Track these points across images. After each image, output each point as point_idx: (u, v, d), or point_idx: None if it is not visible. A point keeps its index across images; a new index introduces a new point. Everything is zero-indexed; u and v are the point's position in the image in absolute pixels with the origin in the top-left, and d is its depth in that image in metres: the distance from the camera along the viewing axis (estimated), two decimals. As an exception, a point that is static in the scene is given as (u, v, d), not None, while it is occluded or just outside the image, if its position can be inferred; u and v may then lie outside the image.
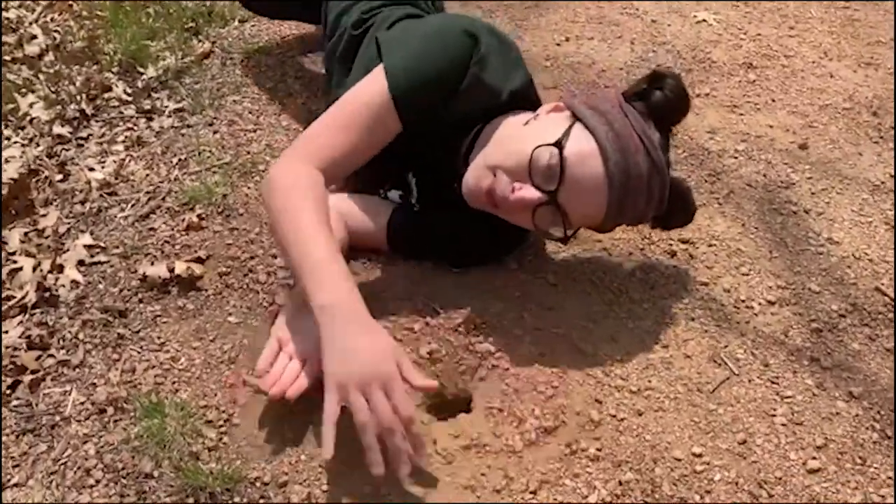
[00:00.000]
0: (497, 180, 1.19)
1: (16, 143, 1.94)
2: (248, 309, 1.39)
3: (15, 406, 1.27)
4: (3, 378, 1.30)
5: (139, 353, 1.34)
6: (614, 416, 1.18)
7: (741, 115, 1.87)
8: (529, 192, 1.16)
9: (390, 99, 1.21)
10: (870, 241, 1.46)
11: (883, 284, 1.37)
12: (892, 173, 1.64)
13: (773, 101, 1.91)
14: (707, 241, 1.50)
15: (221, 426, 1.20)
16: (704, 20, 2.32)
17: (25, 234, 1.64)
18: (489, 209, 1.25)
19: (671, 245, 1.50)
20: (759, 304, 1.36)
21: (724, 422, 1.17)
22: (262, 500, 1.09)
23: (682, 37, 2.24)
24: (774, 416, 1.17)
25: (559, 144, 1.13)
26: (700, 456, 1.12)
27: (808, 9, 2.32)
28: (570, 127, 1.16)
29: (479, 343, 1.31)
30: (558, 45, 2.26)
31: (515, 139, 1.21)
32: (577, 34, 2.31)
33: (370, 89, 1.23)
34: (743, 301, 1.37)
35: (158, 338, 1.36)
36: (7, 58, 2.33)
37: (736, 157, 1.72)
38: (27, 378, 1.30)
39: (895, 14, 2.72)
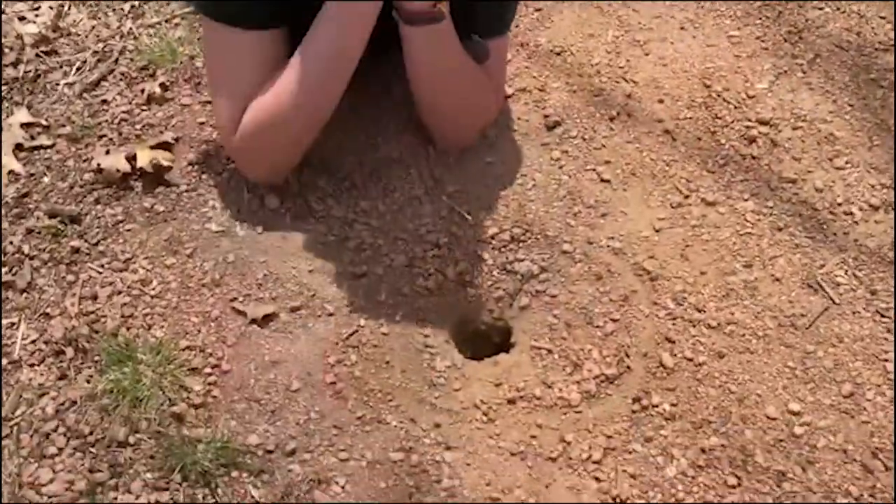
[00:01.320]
0: None
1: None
2: (232, 212, 1.13)
3: (-49, 344, 1.03)
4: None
5: (100, 273, 1.08)
6: (691, 361, 0.97)
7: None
8: None
9: (223, 25, 1.02)
10: None
11: None
12: None
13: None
14: (791, 123, 1.23)
15: (209, 374, 0.97)
16: None
17: (-54, 108, 1.32)
18: None
19: (748, 127, 1.22)
20: (861, 209, 1.12)
21: (825, 368, 0.97)
22: (265, 475, 0.89)
23: None
24: (887, 360, 0.97)
25: None
26: (798, 414, 0.92)
27: None
28: None
29: (518, 261, 1.07)
30: None
31: None
32: None
33: (205, 35, 1.09)
34: (840, 205, 1.13)
35: (123, 252, 1.11)
36: None
37: (821, 9, 1.40)
38: (-38, 307, 1.06)
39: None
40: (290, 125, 1.05)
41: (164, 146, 1.23)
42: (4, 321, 1.05)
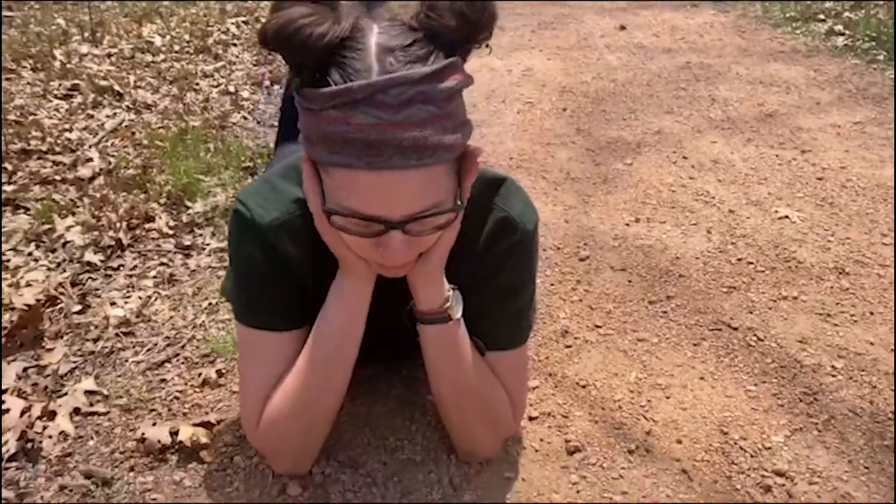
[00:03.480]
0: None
1: (42, 265, 1.82)
2: (253, 497, 1.16)
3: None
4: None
5: (116, 538, 1.10)
6: None
7: (836, 325, 1.66)
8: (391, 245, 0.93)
9: (253, 329, 1.11)
10: None
11: None
12: None
13: (872, 313, 1.70)
14: (808, 478, 1.25)
15: None
16: (787, 216, 2.17)
17: (25, 369, 1.47)
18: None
19: (764, 476, 1.25)
20: (881, 573, 1.09)
21: None
22: None
23: (763, 231, 2.08)
24: None
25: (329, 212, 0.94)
26: None
27: (899, 216, 2.16)
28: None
29: (527, 580, 1.05)
30: (627, 225, 2.12)
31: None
32: (649, 216, 2.17)
33: (239, 336, 1.15)
34: (859, 568, 1.10)
35: (143, 520, 1.13)
36: (57, 178, 2.28)
37: (834, 376, 1.50)
38: (-24, 555, 1.07)
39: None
40: (301, 416, 1.10)
41: (206, 425, 1.31)
42: (10, 573, 1.05)
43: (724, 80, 3.56)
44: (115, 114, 2.89)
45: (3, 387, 1.39)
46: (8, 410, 1.32)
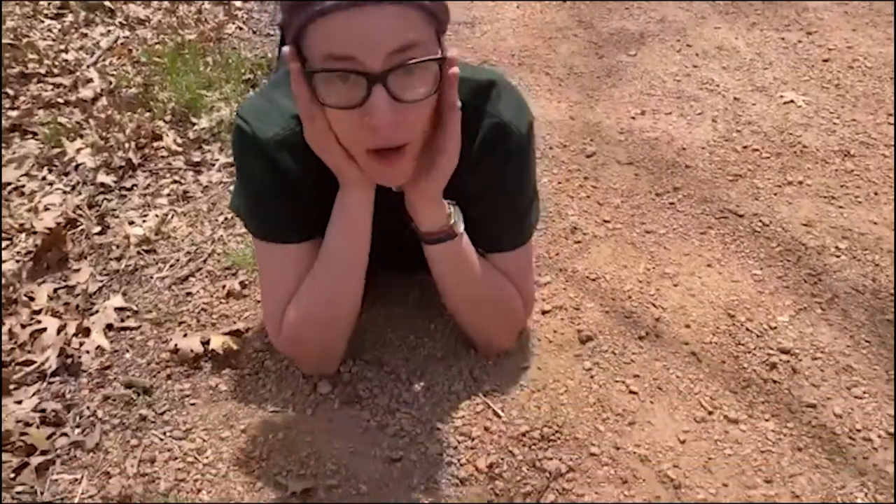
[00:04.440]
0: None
1: (58, 189, 1.85)
2: (286, 397, 1.24)
3: (18, 493, 1.11)
4: (10, 459, 1.16)
5: (161, 440, 1.18)
6: (711, 570, 0.99)
7: (840, 207, 1.69)
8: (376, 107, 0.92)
9: (268, 242, 1.15)
10: None
11: None
12: None
13: (876, 193, 1.73)
14: (811, 353, 1.31)
15: (246, 543, 1.03)
16: (792, 101, 2.16)
17: (55, 290, 1.52)
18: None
19: (770, 355, 1.31)
20: (879, 436, 1.16)
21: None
22: None
23: (769, 117, 2.08)
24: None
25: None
26: None
27: (906, 95, 2.15)
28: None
29: (547, 459, 1.13)
30: (633, 118, 2.12)
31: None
32: (654, 108, 2.16)
33: (256, 249, 1.20)
34: (859, 431, 1.17)
35: (184, 422, 1.21)
36: (60, 100, 2.27)
37: (838, 256, 1.54)
38: (35, 460, 1.16)
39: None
40: (317, 322, 1.16)
41: (236, 333, 1.37)
42: (69, 476, 1.14)
43: (728, -39, 3.45)
44: (108, 31, 2.84)
45: (37, 307, 1.45)
46: (45, 329, 1.38)
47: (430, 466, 1.12)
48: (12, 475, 1.13)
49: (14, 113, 2.18)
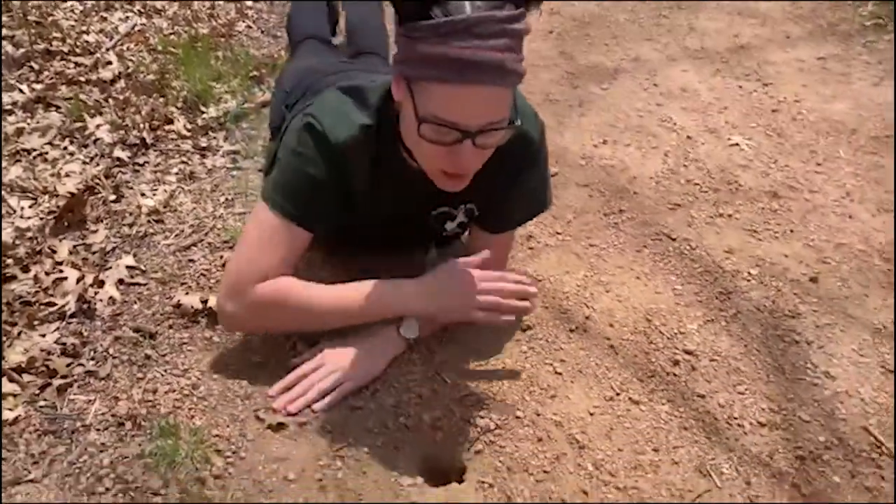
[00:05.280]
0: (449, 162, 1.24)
1: (78, 159, 2.08)
2: (269, 352, 1.47)
3: (41, 406, 1.35)
4: (35, 379, 1.39)
5: (162, 375, 1.42)
6: (597, 509, 1.24)
7: (759, 240, 1.96)
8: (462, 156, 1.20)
9: (280, 216, 1.34)
10: (864, 382, 1.52)
11: (871, 425, 1.43)
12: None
13: (792, 231, 2.00)
14: (710, 356, 1.57)
15: (229, 457, 1.27)
16: (738, 144, 2.44)
17: (74, 246, 1.75)
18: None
19: (675, 354, 1.57)
20: (750, 423, 1.42)
21: (700, 531, 1.23)
22: (256, 534, 1.16)
23: (715, 157, 2.35)
24: (751, 535, 1.23)
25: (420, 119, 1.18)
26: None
27: (837, 149, 2.43)
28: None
29: (480, 417, 1.38)
30: (595, 146, 2.38)
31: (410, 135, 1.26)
32: (615, 139, 2.43)
33: (259, 218, 1.38)
34: (735, 419, 1.43)
35: (182, 364, 1.45)
36: (82, 79, 2.50)
37: (748, 280, 1.81)
38: (56, 382, 1.39)
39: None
40: (293, 318, 1.39)
41: (230, 296, 1.61)
42: (84, 397, 1.37)
43: (706, 9, 3.74)
44: (127, 17, 3.07)
45: (59, 259, 1.68)
46: (66, 278, 1.62)
47: (385, 415, 1.37)
48: (37, 391, 1.37)
49: (39, 86, 2.40)
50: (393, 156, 1.36)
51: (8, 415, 1.31)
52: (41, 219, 1.82)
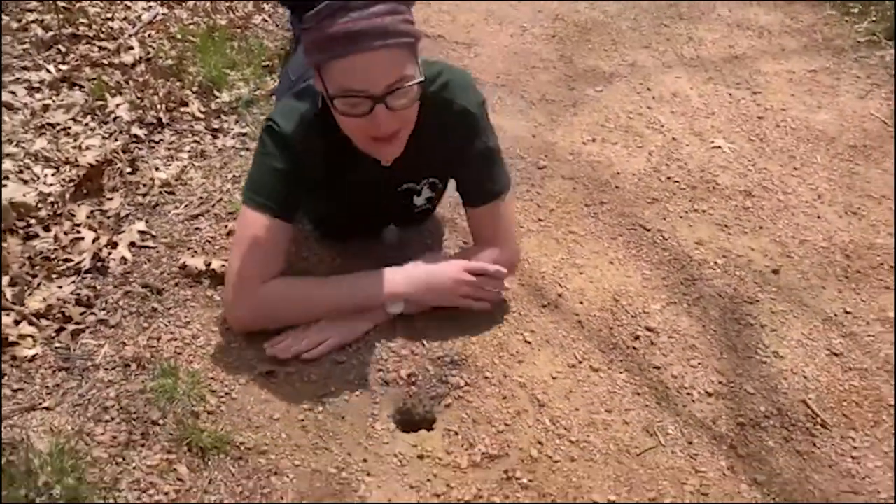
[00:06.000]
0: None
1: (98, 134, 2.23)
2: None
3: (56, 347, 1.50)
4: (51, 324, 1.54)
5: (166, 326, 1.57)
6: (550, 458, 1.38)
7: (729, 234, 2.09)
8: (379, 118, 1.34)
9: (265, 217, 1.47)
10: (809, 362, 1.65)
11: (810, 399, 1.56)
12: (847, 310, 1.83)
13: (761, 227, 2.13)
14: (669, 334, 1.70)
15: (222, 397, 1.41)
16: (720, 146, 2.56)
17: (91, 211, 1.90)
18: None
19: (637, 330, 1.70)
20: (699, 393, 1.56)
21: (641, 480, 1.36)
22: (241, 461, 1.30)
23: (696, 157, 2.48)
24: (685, 484, 1.36)
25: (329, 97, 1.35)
26: (614, 503, 1.31)
27: (815, 155, 2.55)
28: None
29: (451, 376, 1.52)
30: (584, 143, 2.52)
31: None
32: (603, 137, 2.56)
33: (246, 220, 1.50)
34: (685, 388, 1.56)
35: (185, 317, 1.60)
36: (105, 62, 2.66)
37: (714, 269, 1.94)
38: (70, 327, 1.54)
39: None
40: (304, 315, 1.53)
41: (231, 261, 1.76)
42: (94, 342, 1.52)
43: (705, 20, 3.87)
44: (149, 7, 3.24)
45: (77, 222, 1.83)
46: (83, 238, 1.77)
47: (365, 369, 1.51)
48: (53, 334, 1.52)
49: (65, 67, 2.57)
50: (340, 142, 1.48)
51: (26, 352, 1.46)
52: (62, 185, 1.97)
